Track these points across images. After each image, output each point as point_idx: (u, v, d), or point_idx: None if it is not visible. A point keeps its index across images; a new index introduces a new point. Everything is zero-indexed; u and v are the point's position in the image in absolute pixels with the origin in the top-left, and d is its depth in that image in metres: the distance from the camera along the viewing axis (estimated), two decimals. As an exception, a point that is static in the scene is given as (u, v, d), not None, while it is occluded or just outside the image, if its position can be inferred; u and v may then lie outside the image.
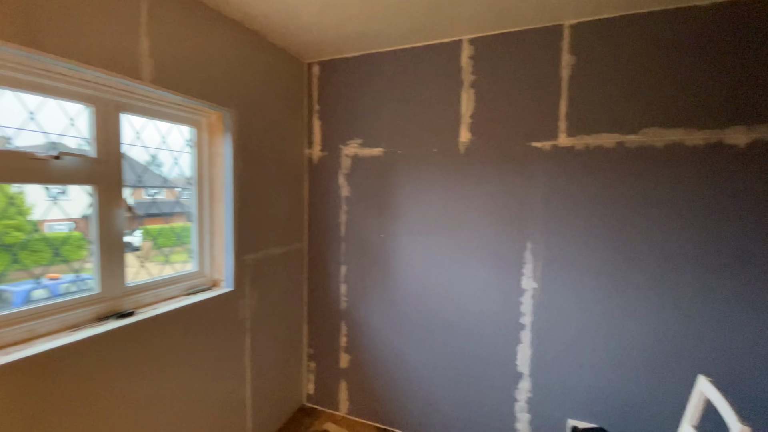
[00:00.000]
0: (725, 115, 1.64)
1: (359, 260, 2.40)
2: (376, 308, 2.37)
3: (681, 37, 1.70)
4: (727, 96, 1.64)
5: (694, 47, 1.68)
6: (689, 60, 1.69)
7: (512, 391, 2.07)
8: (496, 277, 2.07)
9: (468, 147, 2.09)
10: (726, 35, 1.63)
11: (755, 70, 1.60)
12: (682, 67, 1.70)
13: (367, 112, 2.32)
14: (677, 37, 1.70)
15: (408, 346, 2.29)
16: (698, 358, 1.72)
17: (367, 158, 2.35)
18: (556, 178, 1.93)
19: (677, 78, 1.71)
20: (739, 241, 1.64)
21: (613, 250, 1.84)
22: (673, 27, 1.70)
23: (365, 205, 2.37)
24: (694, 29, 1.67)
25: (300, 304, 2.56)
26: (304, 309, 2.59)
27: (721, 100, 1.65)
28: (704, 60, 1.67)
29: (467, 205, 2.11)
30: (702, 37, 1.67)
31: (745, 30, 1.60)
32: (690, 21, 1.68)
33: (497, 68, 2.01)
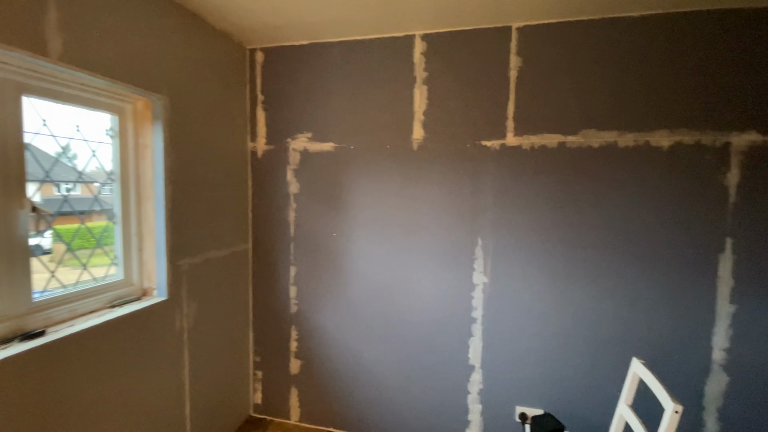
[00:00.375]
0: (651, 119, 1.81)
1: (310, 261, 2.29)
2: (329, 310, 2.28)
3: (614, 45, 1.83)
4: (653, 102, 1.80)
5: (625, 55, 1.82)
6: (620, 67, 1.83)
7: (465, 383, 2.12)
8: (449, 273, 2.09)
9: (421, 144, 2.08)
10: (652, 45, 1.79)
11: (676, 78, 1.77)
12: (615, 73, 1.84)
13: (317, 105, 2.21)
14: (610, 45, 1.83)
15: (362, 346, 2.24)
16: (631, 341, 1.88)
17: (317, 153, 2.24)
18: (505, 176, 1.99)
19: (611, 83, 1.84)
20: (663, 233, 1.82)
21: (556, 244, 1.95)
22: (607, 35, 1.83)
23: (316, 203, 2.26)
24: (625, 38, 1.81)
25: (245, 310, 2.38)
26: (249, 315, 2.41)
27: (648, 105, 1.81)
28: (633, 67, 1.81)
29: (421, 202, 2.11)
30: (631, 46, 1.81)
31: (669, 41, 1.77)
32: (621, 31, 1.81)
33: (449, 66, 2.02)
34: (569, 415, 1.96)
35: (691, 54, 1.75)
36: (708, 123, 1.75)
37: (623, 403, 1.64)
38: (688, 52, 1.75)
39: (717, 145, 1.75)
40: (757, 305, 1.74)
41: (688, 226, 1.79)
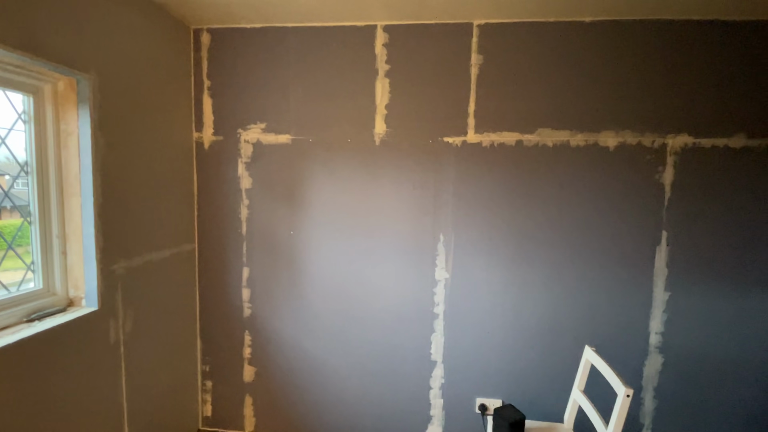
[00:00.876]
0: (600, 121, 1.92)
1: (265, 261, 2.15)
2: (286, 312, 2.16)
3: (566, 49, 1.90)
4: (601, 104, 1.91)
5: (576, 58, 1.90)
6: (572, 69, 1.91)
7: (427, 379, 2.12)
8: (411, 270, 2.07)
9: (383, 139, 2.03)
10: (600, 51, 1.89)
11: (621, 83, 1.89)
12: (567, 75, 1.92)
13: (272, 94, 2.06)
14: (563, 48, 1.91)
15: (322, 349, 2.15)
16: (581, 329, 2.00)
17: (272, 146, 2.09)
18: (466, 172, 2.00)
19: (564, 84, 1.92)
20: (609, 227, 1.95)
21: (513, 239, 2.01)
22: (560, 39, 1.90)
23: (271, 199, 2.12)
24: (576, 43, 1.90)
25: (191, 316, 2.17)
26: (196, 322, 2.21)
27: (596, 107, 1.91)
28: (584, 70, 1.91)
29: (383, 199, 2.06)
30: (582, 50, 1.90)
31: (614, 48, 1.88)
32: (573, 35, 1.89)
33: (412, 60, 1.98)
34: (527, 403, 2.04)
35: (633, 61, 1.87)
36: (648, 126, 1.89)
37: (577, 388, 1.73)
38: (631, 59, 1.87)
39: (655, 146, 1.90)
40: (687, 292, 1.92)
41: (630, 220, 1.93)
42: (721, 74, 1.83)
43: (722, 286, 1.90)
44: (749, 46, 1.81)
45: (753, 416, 1.94)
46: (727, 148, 1.86)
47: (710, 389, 1.95)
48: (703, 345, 1.93)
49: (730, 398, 1.94)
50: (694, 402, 1.96)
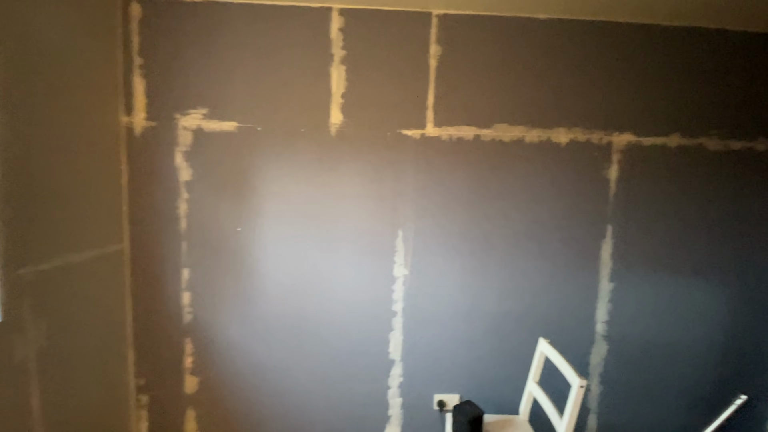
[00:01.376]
0: (553, 118, 1.96)
1: (209, 261, 1.96)
2: (233, 316, 1.99)
3: (522, 44, 1.92)
4: (555, 101, 1.95)
5: (530, 55, 1.92)
6: (527, 65, 1.93)
7: (385, 379, 2.06)
8: (369, 267, 2.00)
9: (340, 129, 1.92)
10: (553, 48, 1.92)
11: (572, 81, 1.94)
12: (522, 71, 1.93)
13: (215, 76, 1.87)
14: (519, 43, 1.92)
15: (274, 353, 2.01)
16: (534, 322, 2.04)
17: (215, 134, 1.90)
18: (425, 166, 1.96)
19: (519, 80, 1.93)
20: (561, 221, 2.01)
21: (471, 233, 2.00)
22: (517, 34, 1.91)
23: (215, 193, 1.93)
24: (532, 39, 1.92)
25: (121, 324, 1.93)
26: (127, 330, 1.96)
27: (549, 104, 1.95)
28: (537, 67, 1.93)
29: (339, 193, 1.95)
30: (536, 46, 1.92)
31: (566, 45, 1.92)
32: (529, 32, 1.91)
33: (370, 47, 1.89)
34: (485, 397, 2.05)
35: (582, 60, 1.93)
36: (596, 123, 1.96)
37: (532, 380, 1.77)
38: (580, 59, 1.93)
39: (602, 144, 1.98)
40: (629, 283, 2.04)
41: (580, 214, 2.00)
42: (660, 78, 1.95)
43: (659, 275, 2.04)
44: (683, 52, 1.94)
45: (688, 393, 2.11)
46: (664, 146, 1.99)
47: (649, 372, 2.09)
48: (643, 331, 2.06)
49: (667, 379, 2.10)
50: (635, 385, 2.09)
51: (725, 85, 1.96)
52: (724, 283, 2.06)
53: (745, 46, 1.95)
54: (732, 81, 1.96)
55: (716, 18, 1.86)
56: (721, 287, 2.06)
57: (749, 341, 2.09)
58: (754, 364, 2.10)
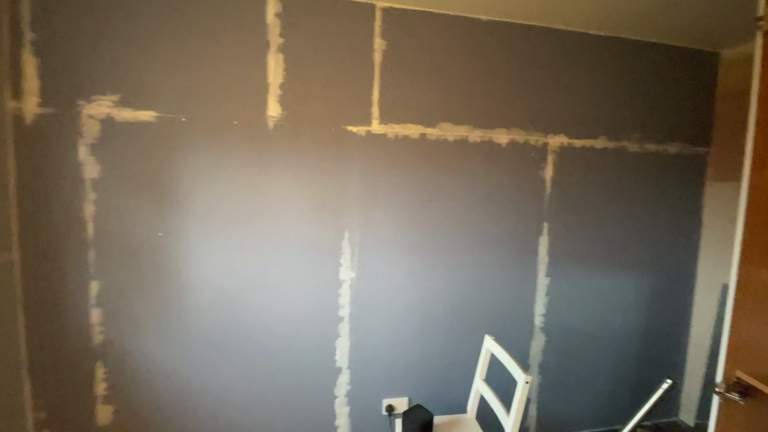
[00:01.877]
0: (494, 119, 1.99)
1: (123, 271, 1.70)
2: (156, 333, 1.75)
3: (465, 44, 1.92)
4: (495, 102, 1.98)
5: (473, 55, 1.94)
6: (470, 66, 1.94)
7: (332, 388, 1.96)
8: (314, 271, 1.88)
9: (278, 123, 1.77)
10: (495, 50, 1.96)
11: (511, 84, 1.99)
12: (465, 72, 1.94)
13: (129, 57, 1.62)
14: (463, 43, 1.92)
15: (206, 373, 1.81)
16: (480, 319, 2.07)
17: (129, 124, 1.65)
18: (371, 164, 1.89)
19: (463, 80, 1.94)
20: (503, 219, 2.05)
21: (418, 233, 1.97)
22: (460, 33, 1.91)
23: (131, 192, 1.68)
24: (474, 40, 1.93)
25: (13, 349, 1.60)
26: (21, 356, 1.64)
27: (491, 105, 1.98)
28: (479, 68, 1.95)
29: (279, 192, 1.81)
30: (479, 47, 1.94)
31: (507, 48, 1.96)
32: (472, 31, 1.92)
33: (310, 36, 1.76)
34: (434, 397, 2.04)
35: (521, 63, 1.99)
36: (533, 125, 2.04)
37: (478, 378, 1.78)
38: (519, 62, 1.99)
39: (539, 145, 2.06)
40: (563, 277, 2.15)
41: (520, 212, 2.07)
42: (590, 84, 2.07)
43: (588, 269, 2.18)
44: (611, 62, 2.08)
45: (615, 377, 2.29)
46: (592, 148, 2.12)
47: (582, 360, 2.23)
48: (575, 322, 2.19)
49: (596, 366, 2.25)
50: (571, 374, 2.21)
51: (644, 93, 2.14)
52: (642, 274, 2.26)
53: (662, 58, 2.14)
54: (650, 90, 2.15)
55: (637, 30, 2.02)
56: (639, 278, 2.26)
57: (662, 327, 2.32)
58: (667, 346, 2.34)
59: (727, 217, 2.17)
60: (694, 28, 1.95)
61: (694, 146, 2.24)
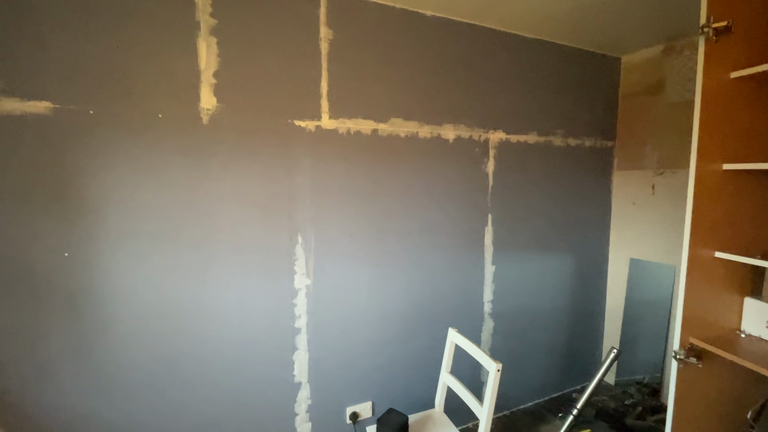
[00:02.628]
0: (442, 115, 2.01)
1: (13, 306, 1.33)
2: (68, 381, 1.41)
3: (412, 39, 1.90)
4: (441, 99, 2.00)
5: (420, 50, 1.93)
6: (417, 61, 1.92)
7: (291, 406, 1.81)
8: (265, 282, 1.70)
9: (215, 117, 1.55)
10: (439, 46, 1.97)
11: (456, 81, 2.03)
12: (413, 67, 1.92)
13: (12, 31, 1.25)
14: (409, 38, 1.90)
15: (138, 416, 1.52)
16: (436, 311, 2.10)
17: (16, 117, 1.28)
18: (322, 162, 1.76)
19: (411, 76, 1.92)
20: (452, 213, 2.10)
21: (373, 231, 1.91)
22: (407, 27, 1.88)
23: (20, 204, 1.31)
24: (420, 34, 1.92)
25: None
26: None
27: (438, 101, 2.00)
28: (426, 63, 1.95)
29: (220, 195, 1.58)
30: (425, 42, 1.94)
31: (450, 44, 1.99)
32: (418, 26, 1.91)
33: (248, 18, 1.57)
34: (397, 398, 2.01)
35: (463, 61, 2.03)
36: (476, 122, 2.11)
37: (445, 371, 1.80)
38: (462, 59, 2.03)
39: (482, 140, 2.14)
40: (506, 263, 2.29)
41: (468, 205, 2.14)
42: (522, 82, 2.21)
43: (523, 255, 2.35)
44: (539, 64, 2.25)
45: (553, 351, 2.52)
46: (525, 143, 2.28)
47: (524, 339, 2.40)
48: (518, 305, 2.36)
49: (535, 342, 2.45)
50: (515, 353, 2.37)
51: (565, 92, 2.36)
52: (567, 255, 2.52)
53: (578, 61, 2.38)
54: (569, 89, 2.38)
55: (556, 34, 2.21)
56: (565, 260, 2.52)
57: (584, 301, 2.63)
58: (589, 317, 2.66)
59: (630, 200, 2.53)
60: (600, 35, 2.21)
61: (604, 140, 2.56)
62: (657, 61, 2.32)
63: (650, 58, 2.36)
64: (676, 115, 2.24)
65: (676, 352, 1.05)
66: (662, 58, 2.30)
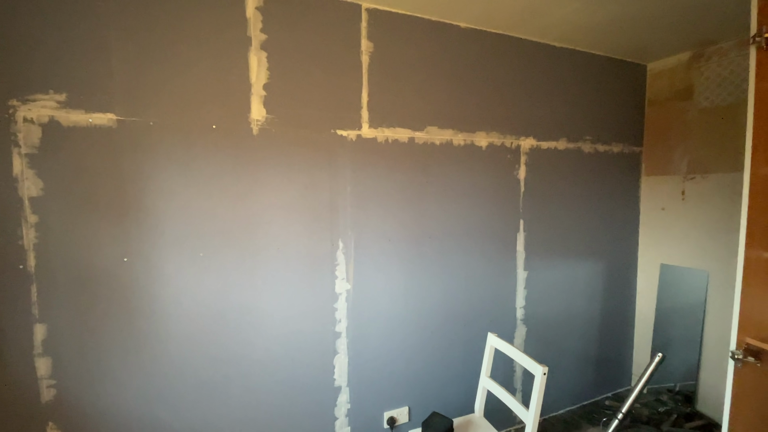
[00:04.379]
0: (475, 123, 2.06)
1: (78, 308, 1.39)
2: (123, 379, 1.46)
3: (447, 50, 1.96)
4: (475, 107, 2.05)
5: (455, 61, 1.98)
6: (452, 71, 1.98)
7: (331, 409, 1.83)
8: (308, 286, 1.74)
9: (264, 127, 1.61)
10: (474, 56, 2.02)
11: (488, 89, 2.07)
12: (449, 77, 1.97)
13: (79, 46, 1.33)
14: (445, 49, 1.95)
15: (188, 415, 1.56)
16: (472, 315, 2.12)
17: (80, 129, 1.36)
18: (362, 170, 1.82)
19: (447, 85, 1.97)
20: (485, 219, 2.13)
21: (410, 237, 1.94)
22: (442, 39, 1.94)
23: (85, 213, 1.38)
24: (455, 46, 1.97)
25: None
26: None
27: (472, 109, 2.05)
28: (460, 73, 2.00)
29: (267, 202, 1.64)
30: (459, 53, 1.99)
31: (483, 56, 2.04)
32: (452, 38, 1.96)
33: (295, 33, 1.64)
34: (433, 403, 2.03)
35: (495, 70, 2.08)
36: (508, 129, 2.15)
37: (485, 375, 1.81)
38: (493, 69, 2.08)
39: (513, 147, 2.18)
40: (538, 269, 2.30)
41: (500, 211, 2.17)
42: (552, 89, 2.25)
43: (557, 260, 2.37)
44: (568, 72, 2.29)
45: (581, 357, 2.51)
46: (555, 149, 2.31)
47: (556, 345, 2.40)
48: (550, 311, 2.36)
49: (567, 349, 2.45)
50: (548, 359, 2.37)
51: (593, 99, 2.39)
52: (596, 261, 2.52)
53: (606, 69, 2.41)
54: (597, 97, 2.41)
55: (585, 43, 2.25)
56: (595, 265, 2.52)
57: (614, 306, 2.62)
58: (619, 323, 2.65)
59: (659, 205, 2.54)
60: (627, 43, 2.24)
61: (632, 146, 2.58)
62: (684, 68, 2.35)
63: (677, 65, 2.39)
64: (707, 121, 2.25)
65: (733, 353, 1.06)
66: (690, 64, 2.33)
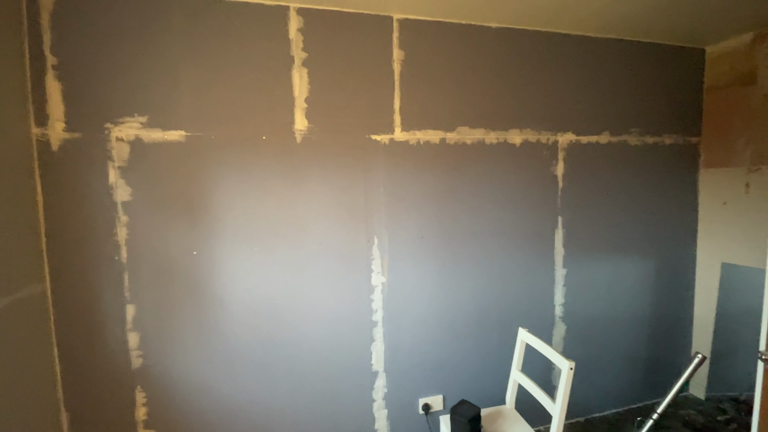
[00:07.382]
0: (508, 120, 2.08)
1: (159, 292, 1.68)
2: (194, 353, 1.74)
3: (477, 51, 2.01)
4: (508, 105, 2.08)
5: (485, 61, 2.03)
6: (483, 71, 2.02)
7: (369, 393, 1.99)
8: (346, 279, 1.91)
9: (306, 136, 1.80)
10: (505, 55, 2.05)
11: (522, 87, 2.09)
12: (479, 77, 2.02)
13: (155, 78, 1.61)
14: (475, 50, 2.01)
15: (246, 388, 1.81)
16: (505, 312, 2.16)
17: (159, 145, 1.64)
18: (395, 171, 1.94)
19: (477, 85, 2.02)
20: (519, 216, 2.15)
21: (442, 234, 2.03)
22: (472, 41, 1.99)
23: (163, 213, 1.66)
24: (485, 46, 2.02)
25: (49, 382, 1.56)
26: (57, 388, 1.59)
27: (504, 107, 2.07)
28: (491, 73, 2.04)
29: (308, 204, 1.83)
30: (490, 53, 2.03)
31: (515, 54, 2.06)
32: (482, 39, 2.01)
33: (332, 50, 1.80)
34: (467, 393, 2.11)
35: (529, 68, 2.09)
36: (544, 125, 2.14)
37: (515, 369, 1.85)
38: (527, 66, 2.08)
39: (550, 143, 2.16)
40: (577, 267, 2.26)
41: (536, 208, 2.17)
42: (592, 84, 2.19)
43: (598, 258, 2.30)
44: (609, 62, 2.21)
45: (628, 358, 2.41)
46: (597, 143, 2.25)
47: (599, 345, 2.35)
48: (592, 309, 2.31)
49: (613, 349, 2.38)
50: (590, 358, 2.33)
51: (640, 90, 2.29)
52: (646, 259, 2.41)
53: (654, 56, 2.29)
54: (645, 86, 2.29)
55: (630, 31, 2.16)
56: (644, 263, 2.40)
57: (668, 307, 2.47)
58: (673, 325, 2.50)
59: (720, 200, 2.35)
60: (681, 27, 2.11)
61: (687, 137, 2.41)
62: (747, 51, 2.15)
63: (739, 48, 2.19)
64: (775, 107, 2.05)
65: (761, 353, 1.02)
66: (753, 46, 2.13)
